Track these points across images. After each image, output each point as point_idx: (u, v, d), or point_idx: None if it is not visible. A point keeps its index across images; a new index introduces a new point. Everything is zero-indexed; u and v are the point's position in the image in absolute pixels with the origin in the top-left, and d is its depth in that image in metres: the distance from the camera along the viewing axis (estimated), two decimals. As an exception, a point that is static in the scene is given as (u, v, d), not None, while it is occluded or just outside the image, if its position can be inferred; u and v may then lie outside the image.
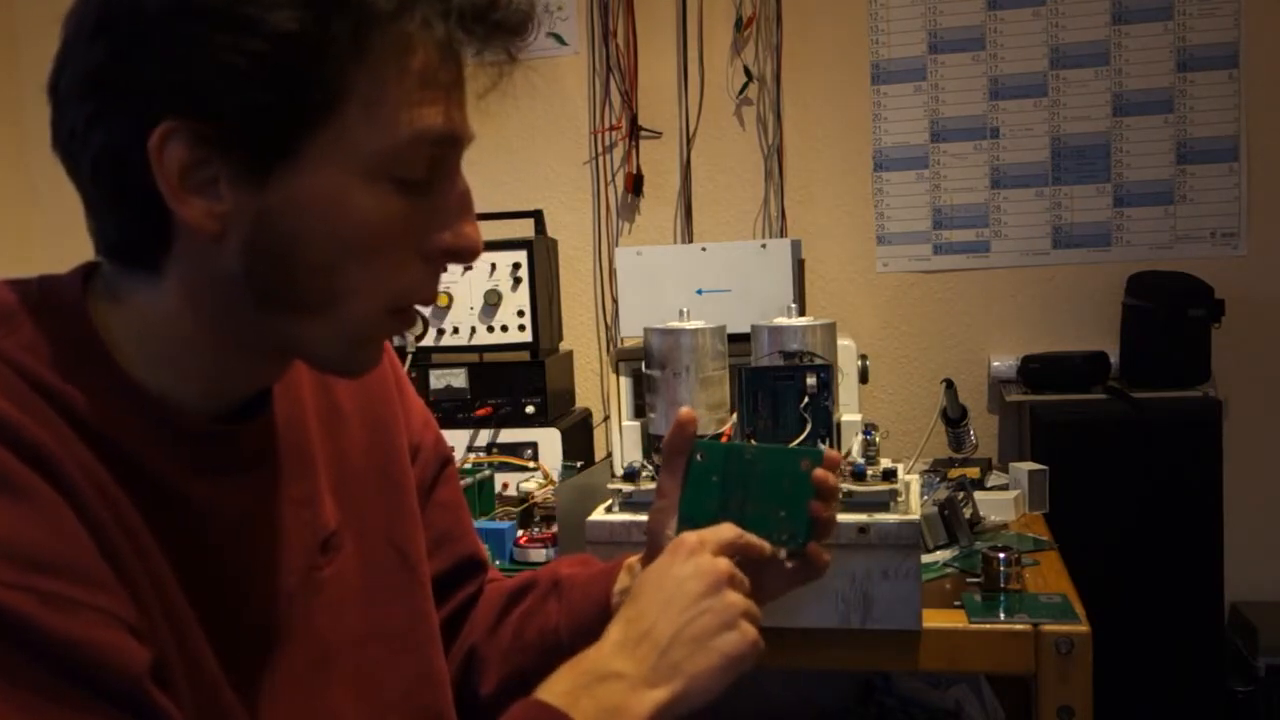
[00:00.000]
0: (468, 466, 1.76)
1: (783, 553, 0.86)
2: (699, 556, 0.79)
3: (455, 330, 2.01)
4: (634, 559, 0.94)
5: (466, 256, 0.70)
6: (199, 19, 0.60)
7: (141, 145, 0.61)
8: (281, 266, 0.65)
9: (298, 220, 0.64)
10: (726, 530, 0.83)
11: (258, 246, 0.64)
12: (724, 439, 1.14)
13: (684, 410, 0.90)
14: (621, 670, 0.73)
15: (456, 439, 1.93)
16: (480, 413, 1.96)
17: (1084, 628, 1.19)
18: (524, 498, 1.71)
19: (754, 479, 0.87)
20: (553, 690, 0.72)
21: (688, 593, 0.76)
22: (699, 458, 0.89)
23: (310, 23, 0.60)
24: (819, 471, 0.86)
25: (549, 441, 1.93)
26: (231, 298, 0.66)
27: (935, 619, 1.23)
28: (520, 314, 1.99)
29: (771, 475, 0.87)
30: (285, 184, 0.63)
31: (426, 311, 2.00)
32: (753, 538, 0.84)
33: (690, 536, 0.81)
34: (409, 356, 1.96)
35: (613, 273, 2.31)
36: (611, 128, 2.35)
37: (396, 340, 1.98)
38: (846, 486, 1.17)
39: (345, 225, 0.64)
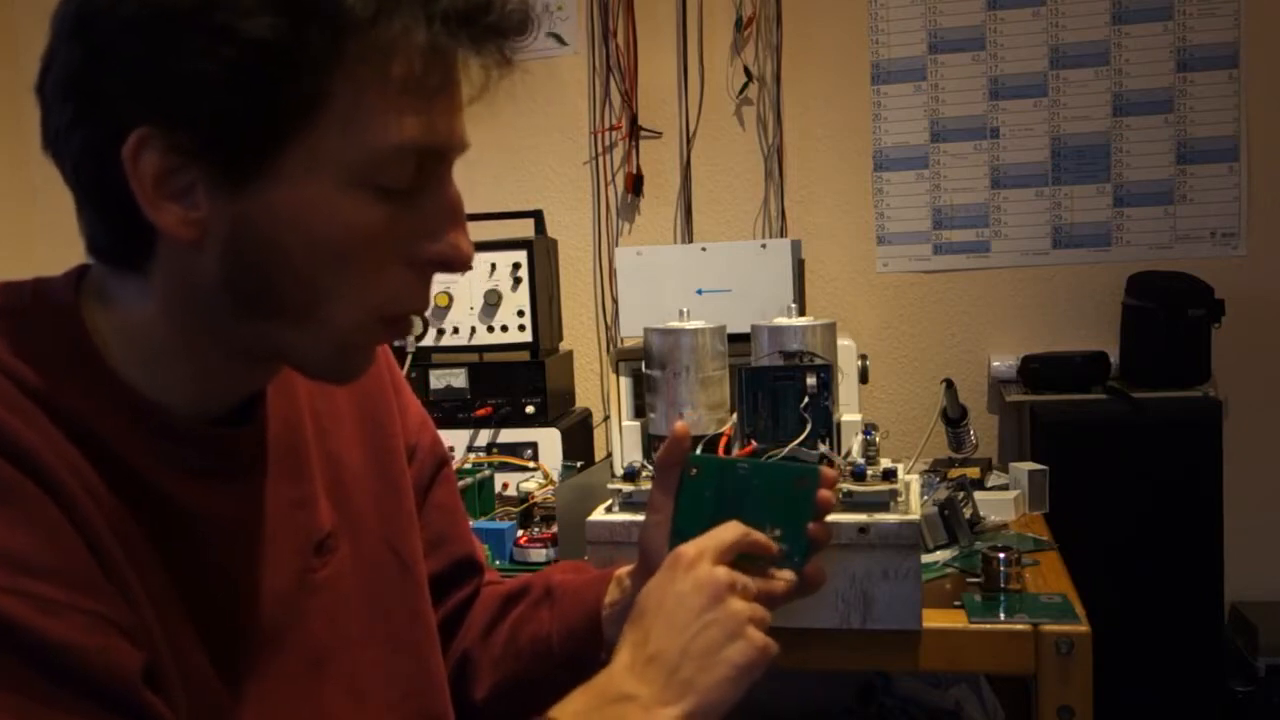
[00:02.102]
0: (468, 466, 1.76)
1: (786, 573, 0.85)
2: (697, 569, 0.78)
3: (455, 330, 2.01)
4: (623, 571, 0.94)
5: (455, 267, 0.68)
6: (172, 25, 0.59)
7: (118, 150, 0.61)
8: (260, 274, 0.64)
9: (276, 228, 0.62)
10: (728, 532, 0.82)
11: (236, 253, 0.63)
12: (724, 439, 1.14)
13: (679, 424, 0.89)
14: (633, 692, 0.73)
15: (456, 439, 1.93)
16: (480, 413, 1.96)
17: (1084, 628, 1.19)
18: (524, 498, 1.71)
19: (748, 496, 0.86)
20: (564, 712, 0.72)
21: (690, 608, 0.76)
22: (692, 472, 0.88)
23: (285, 30, 0.59)
24: (822, 493, 0.86)
25: (549, 441, 1.93)
26: (214, 303, 0.65)
27: (935, 619, 1.22)
28: (520, 314, 1.99)
29: (766, 493, 0.86)
30: (263, 192, 0.62)
31: (426, 312, 1.99)
32: (758, 535, 0.83)
33: (688, 548, 0.80)
34: (409, 357, 1.96)
35: (613, 273, 2.31)
36: (611, 128, 2.35)
37: (396, 341, 1.98)
38: (846, 486, 1.17)
39: (324, 234, 0.63)
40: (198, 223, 0.62)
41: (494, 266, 1.99)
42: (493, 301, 1.98)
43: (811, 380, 1.12)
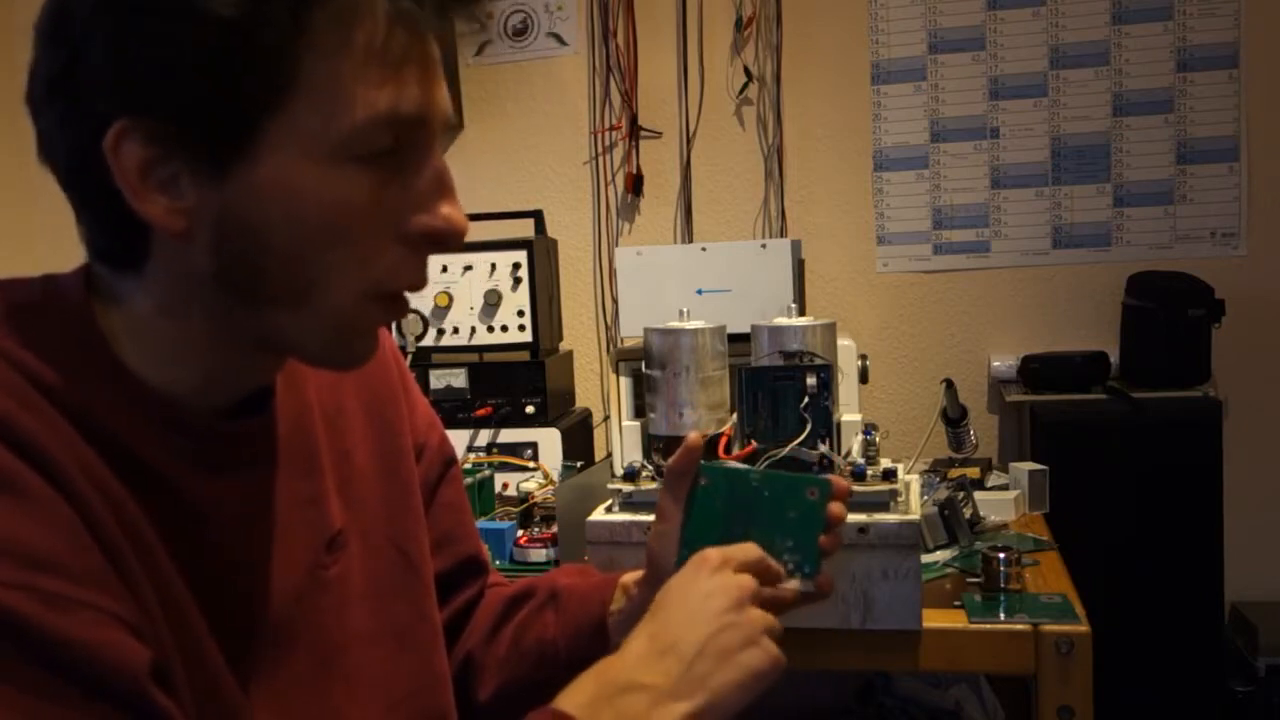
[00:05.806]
0: (468, 466, 1.76)
1: (794, 583, 0.85)
2: (723, 573, 0.78)
3: (455, 330, 2.01)
4: (628, 578, 0.94)
5: (448, 239, 0.67)
6: (135, 14, 0.59)
7: (101, 146, 0.61)
8: (250, 260, 0.63)
9: (261, 211, 0.62)
10: (750, 550, 0.82)
11: (225, 241, 0.63)
12: (724, 439, 1.14)
13: (693, 434, 0.89)
14: (646, 682, 0.72)
15: (456, 439, 1.93)
16: (480, 413, 1.96)
17: (1084, 628, 1.19)
18: (524, 498, 1.71)
19: (758, 506, 0.86)
20: (574, 700, 0.72)
21: (712, 608, 0.76)
22: (703, 482, 0.88)
23: (247, 6, 0.59)
24: (833, 506, 0.86)
25: (549, 441, 1.93)
26: (211, 296, 0.65)
27: (935, 619, 1.22)
28: (520, 314, 1.99)
29: (777, 503, 0.86)
30: (245, 175, 0.61)
31: (426, 311, 2.00)
32: (773, 562, 0.83)
33: (713, 553, 0.80)
34: (409, 356, 1.96)
35: (613, 273, 2.31)
36: (611, 128, 2.35)
37: (396, 340, 1.98)
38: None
39: (309, 212, 0.63)
40: (185, 212, 0.62)
41: (494, 266, 1.99)
42: (493, 301, 1.98)
43: (811, 380, 1.12)
